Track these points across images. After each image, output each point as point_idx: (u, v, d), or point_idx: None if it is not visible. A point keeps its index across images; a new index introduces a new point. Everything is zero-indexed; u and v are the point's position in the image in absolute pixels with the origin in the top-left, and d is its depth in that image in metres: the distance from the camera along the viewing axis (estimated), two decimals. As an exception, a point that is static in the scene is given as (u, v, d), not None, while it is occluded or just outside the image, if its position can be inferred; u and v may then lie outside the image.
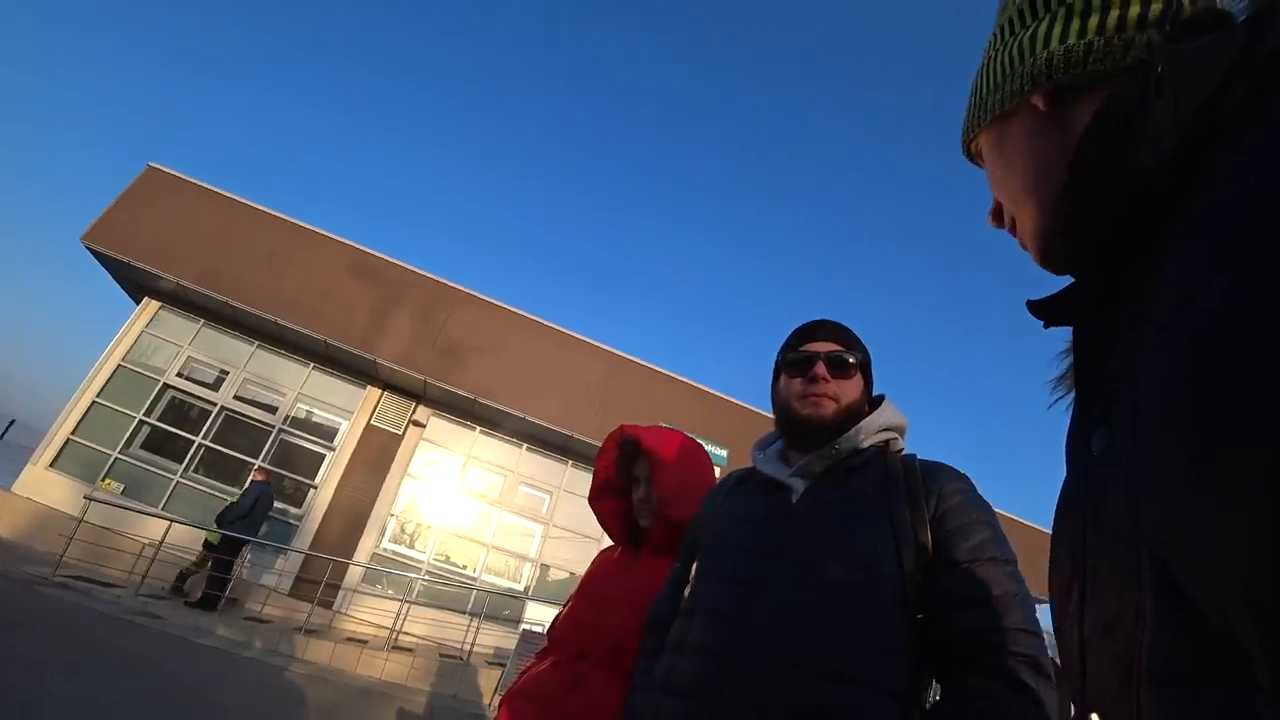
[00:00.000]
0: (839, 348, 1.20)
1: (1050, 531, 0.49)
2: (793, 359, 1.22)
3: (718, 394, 12.37)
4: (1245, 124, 0.36)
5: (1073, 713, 0.45)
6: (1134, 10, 0.47)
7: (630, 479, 1.60)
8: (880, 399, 1.23)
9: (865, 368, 1.22)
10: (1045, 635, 1.09)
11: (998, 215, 0.61)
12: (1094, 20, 0.48)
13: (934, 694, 1.00)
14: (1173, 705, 0.32)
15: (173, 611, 7.13)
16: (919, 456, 1.15)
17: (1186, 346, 0.32)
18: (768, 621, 0.99)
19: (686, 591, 1.16)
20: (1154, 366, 0.35)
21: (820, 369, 1.17)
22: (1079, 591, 0.41)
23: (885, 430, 1.17)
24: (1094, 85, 0.48)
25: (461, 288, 11.49)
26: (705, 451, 1.63)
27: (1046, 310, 0.52)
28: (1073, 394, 0.51)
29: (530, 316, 11.74)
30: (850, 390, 1.18)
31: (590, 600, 1.50)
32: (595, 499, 1.65)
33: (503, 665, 7.97)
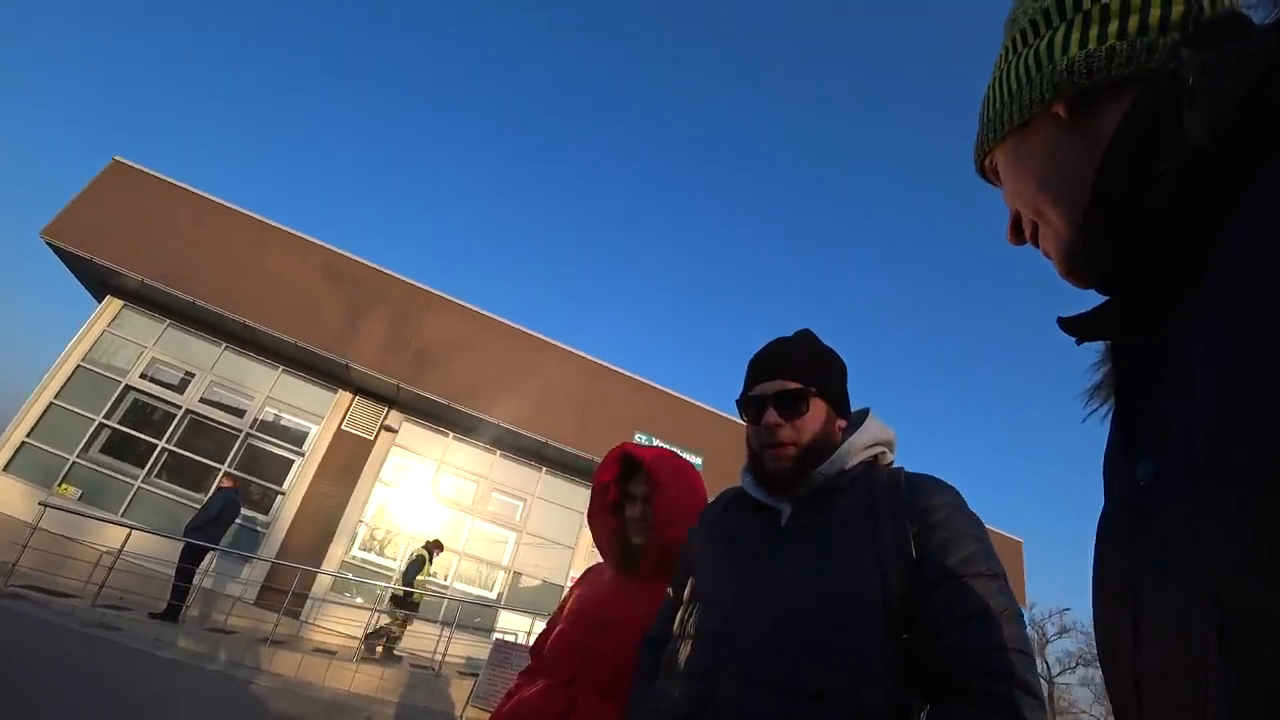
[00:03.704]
0: (788, 384, 1.14)
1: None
2: (745, 403, 1.18)
3: (694, 401, 12.42)
4: None
5: None
6: (1155, 14, 0.47)
7: (625, 496, 1.59)
8: (864, 413, 1.20)
9: (825, 391, 1.16)
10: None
11: (1017, 230, 0.59)
12: (1114, 26, 0.48)
13: (923, 717, 0.97)
14: None
15: (132, 623, 6.89)
16: (906, 470, 1.12)
17: (1248, 381, 0.31)
18: (751, 644, 0.98)
19: (679, 614, 1.16)
20: (1209, 398, 0.34)
21: (770, 416, 1.12)
22: (1132, 630, 0.40)
23: (872, 446, 1.15)
24: (1116, 90, 0.48)
25: (436, 291, 11.38)
26: (698, 473, 1.64)
27: (1079, 327, 0.50)
28: (1110, 409, 0.49)
29: (505, 321, 11.68)
30: (810, 424, 1.12)
31: (583, 623, 1.48)
32: (594, 516, 1.64)
33: (475, 675, 7.85)
